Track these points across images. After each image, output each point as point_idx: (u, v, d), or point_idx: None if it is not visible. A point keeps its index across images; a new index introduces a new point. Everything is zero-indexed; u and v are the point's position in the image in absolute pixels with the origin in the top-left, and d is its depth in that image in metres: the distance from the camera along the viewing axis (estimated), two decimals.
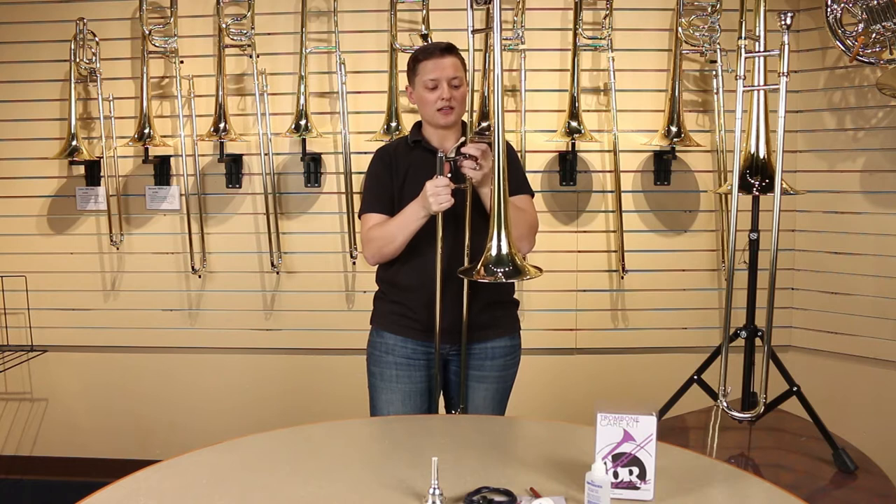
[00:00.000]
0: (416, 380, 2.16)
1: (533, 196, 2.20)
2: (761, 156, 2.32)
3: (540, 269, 1.78)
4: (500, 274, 1.75)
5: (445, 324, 2.09)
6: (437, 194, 1.92)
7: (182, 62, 3.05)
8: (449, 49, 2.08)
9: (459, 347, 2.14)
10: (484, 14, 3.01)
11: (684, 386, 2.42)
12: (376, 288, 2.25)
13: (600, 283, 3.14)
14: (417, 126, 2.18)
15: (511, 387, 2.25)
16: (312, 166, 3.09)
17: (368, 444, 1.84)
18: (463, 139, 2.04)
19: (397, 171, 2.12)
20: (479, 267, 1.77)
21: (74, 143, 3.02)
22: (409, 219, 2.01)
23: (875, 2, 2.61)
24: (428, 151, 2.10)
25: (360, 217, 2.17)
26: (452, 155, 1.96)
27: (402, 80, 2.94)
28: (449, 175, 1.95)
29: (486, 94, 2.94)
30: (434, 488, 1.37)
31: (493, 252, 1.75)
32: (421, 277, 2.08)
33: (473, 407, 2.19)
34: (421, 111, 2.13)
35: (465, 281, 2.03)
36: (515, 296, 2.27)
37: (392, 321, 2.18)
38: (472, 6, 1.95)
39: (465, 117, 2.09)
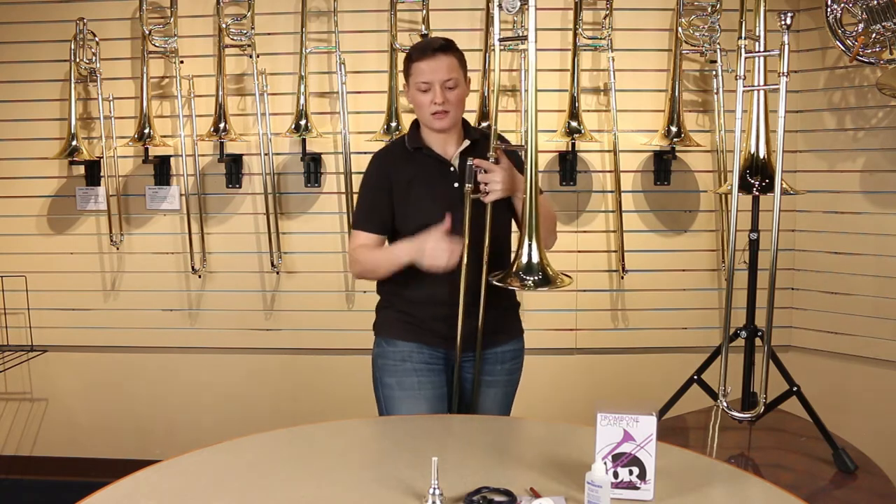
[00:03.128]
0: (437, 385, 2.07)
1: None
2: (761, 156, 2.32)
3: (569, 276, 1.79)
4: (530, 282, 1.75)
5: (456, 332, 2.03)
6: (434, 257, 1.86)
7: (182, 62, 3.05)
8: (444, 48, 1.95)
9: (469, 353, 2.09)
10: (483, 14, 3.01)
11: (684, 386, 2.42)
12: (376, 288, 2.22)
13: (600, 283, 3.14)
14: (416, 126, 2.08)
15: (516, 389, 2.23)
16: (312, 166, 3.09)
17: (368, 444, 1.84)
18: (467, 141, 2.01)
19: (398, 181, 2.02)
20: (510, 276, 1.76)
21: (74, 143, 3.02)
22: (396, 260, 1.96)
23: (875, 2, 2.61)
24: (431, 158, 2.03)
25: (351, 229, 2.12)
26: (471, 163, 1.89)
27: (402, 80, 2.96)
28: (469, 185, 1.89)
29: (485, 94, 2.94)
30: (434, 488, 1.37)
31: (525, 260, 1.75)
32: (427, 291, 2.02)
33: (483, 411, 2.15)
34: (416, 113, 2.05)
35: (482, 288, 1.98)
36: (517, 297, 2.25)
37: (405, 329, 2.09)
38: (497, 13, 1.86)
39: (472, 118, 2.05)
